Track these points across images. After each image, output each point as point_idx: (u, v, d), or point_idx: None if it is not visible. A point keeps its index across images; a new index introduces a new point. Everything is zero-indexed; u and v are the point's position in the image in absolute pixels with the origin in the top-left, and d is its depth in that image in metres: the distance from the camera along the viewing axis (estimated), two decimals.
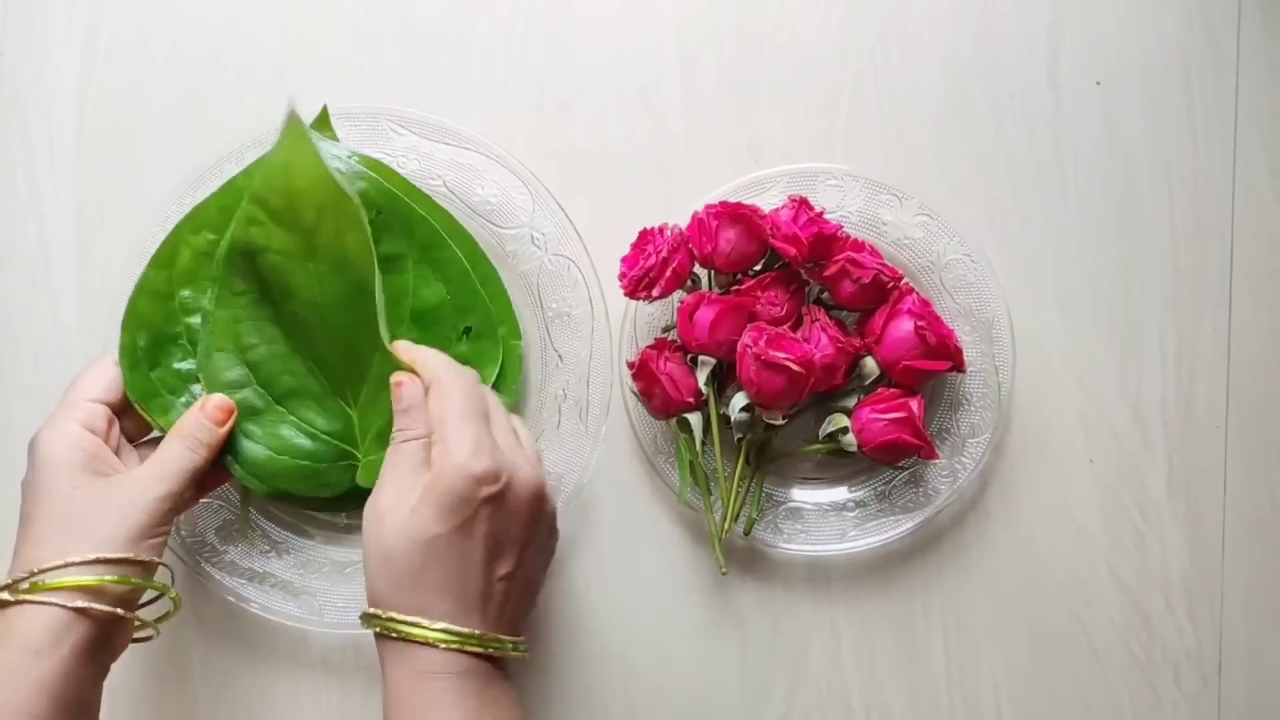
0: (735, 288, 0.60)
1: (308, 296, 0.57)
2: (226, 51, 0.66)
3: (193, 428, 0.55)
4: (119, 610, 0.51)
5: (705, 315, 0.59)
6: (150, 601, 0.54)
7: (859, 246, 0.60)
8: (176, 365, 0.59)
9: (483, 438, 0.50)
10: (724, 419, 0.60)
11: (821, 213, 0.60)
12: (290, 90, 0.65)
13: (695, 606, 0.65)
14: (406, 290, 0.60)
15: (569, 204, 0.63)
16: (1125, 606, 0.65)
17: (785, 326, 0.59)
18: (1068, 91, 0.65)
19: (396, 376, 0.53)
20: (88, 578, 0.50)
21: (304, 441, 0.59)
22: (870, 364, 0.60)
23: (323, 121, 0.60)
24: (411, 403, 0.52)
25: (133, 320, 0.58)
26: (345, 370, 0.58)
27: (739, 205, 0.59)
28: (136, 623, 0.53)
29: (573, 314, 0.63)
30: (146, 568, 0.52)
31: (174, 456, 0.54)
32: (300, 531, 0.63)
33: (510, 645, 0.50)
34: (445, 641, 0.48)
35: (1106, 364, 0.65)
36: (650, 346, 0.61)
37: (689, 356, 0.61)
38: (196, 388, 0.59)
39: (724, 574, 0.63)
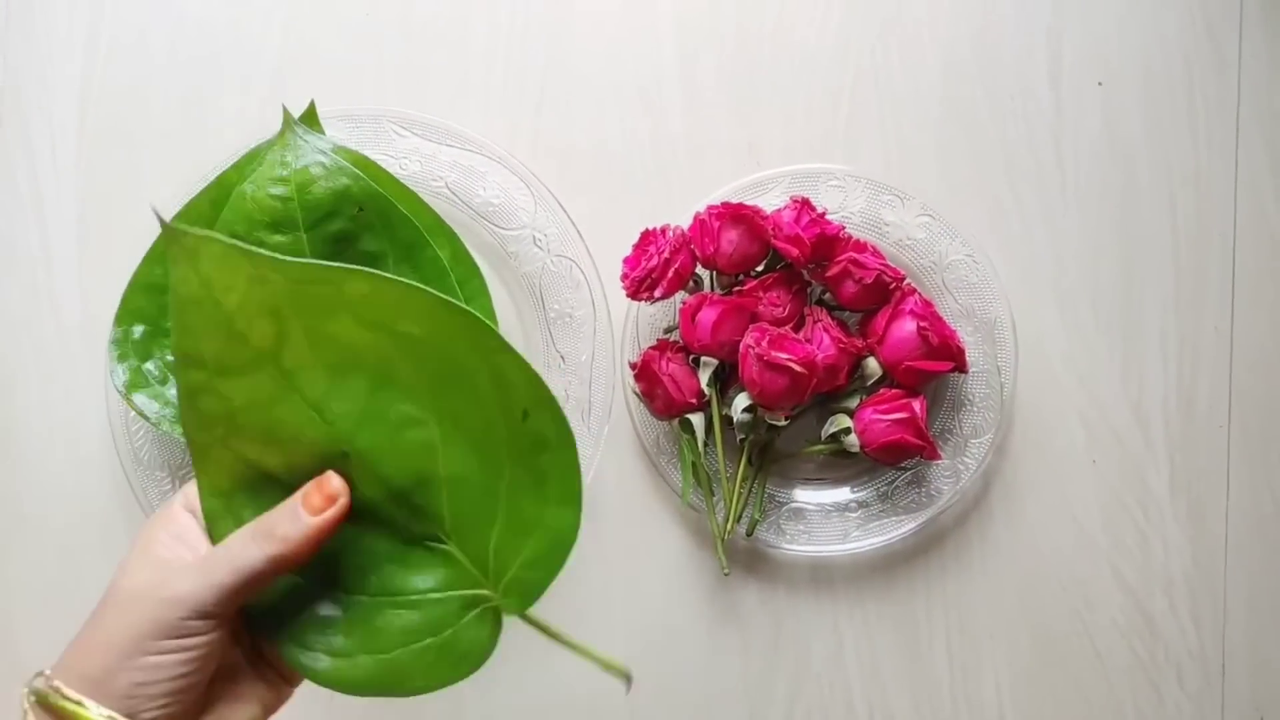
0: (737, 288, 0.60)
1: (315, 435, 0.42)
2: (227, 53, 0.66)
3: (274, 512, 0.40)
4: None
5: (707, 316, 0.59)
6: None
7: (861, 247, 0.60)
8: (169, 358, 0.60)
9: None
10: (726, 420, 0.60)
11: (823, 213, 0.60)
12: (290, 91, 0.65)
13: (698, 607, 0.65)
14: None
15: (571, 205, 0.63)
16: (1128, 606, 0.65)
17: (787, 327, 0.59)
18: (1069, 92, 0.65)
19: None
20: (58, 704, 0.38)
21: (410, 616, 0.43)
22: (872, 364, 0.60)
23: (310, 117, 0.61)
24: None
25: (127, 313, 0.60)
26: (408, 506, 0.43)
27: (741, 206, 0.59)
28: None
29: (575, 315, 0.63)
30: (133, 699, 0.39)
31: (226, 545, 0.40)
32: None
33: None
34: None
35: (1108, 364, 0.65)
36: (652, 347, 0.61)
37: (691, 357, 0.61)
38: None
39: (726, 574, 0.63)
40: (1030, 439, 0.65)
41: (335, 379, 0.40)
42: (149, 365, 0.60)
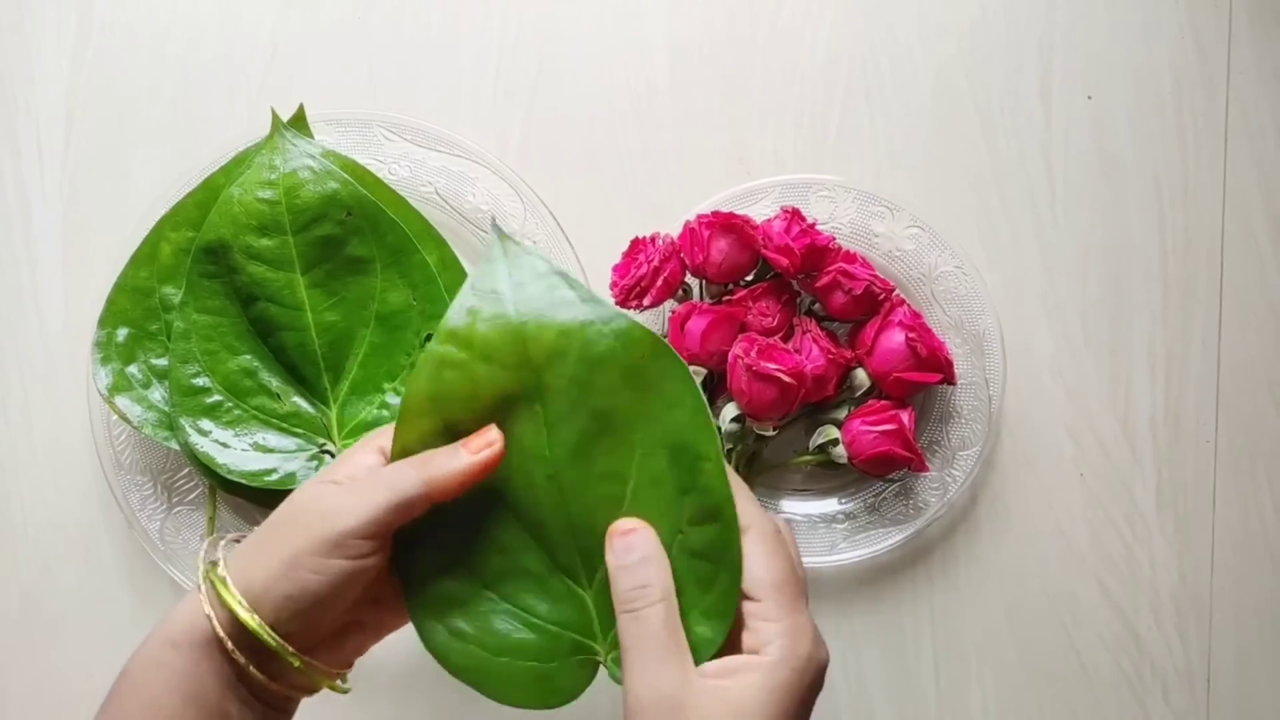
0: (727, 298, 0.60)
1: (533, 447, 0.45)
2: (216, 56, 0.66)
3: (434, 450, 0.43)
4: (226, 642, 0.41)
5: (696, 325, 0.58)
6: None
7: (851, 258, 0.60)
8: (154, 361, 0.60)
9: (813, 626, 0.41)
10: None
11: (814, 224, 0.60)
12: (279, 95, 0.65)
13: None
14: (373, 294, 0.60)
15: (560, 212, 0.62)
16: (1114, 621, 0.65)
17: (776, 337, 0.59)
18: (1058, 106, 0.66)
19: (622, 524, 0.43)
20: (217, 593, 0.41)
21: (526, 634, 0.46)
22: (861, 375, 0.60)
23: (299, 120, 0.60)
24: (646, 553, 0.42)
25: (111, 316, 0.60)
26: (573, 542, 0.46)
27: (731, 215, 0.59)
28: (295, 662, 0.42)
29: None
30: (282, 607, 0.41)
31: (386, 471, 0.43)
32: None
33: None
34: None
35: (1096, 377, 0.65)
36: None
37: None
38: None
39: None
40: (1018, 452, 0.65)
41: (574, 412, 0.44)
42: (132, 368, 0.60)
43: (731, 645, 0.41)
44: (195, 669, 0.41)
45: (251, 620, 0.40)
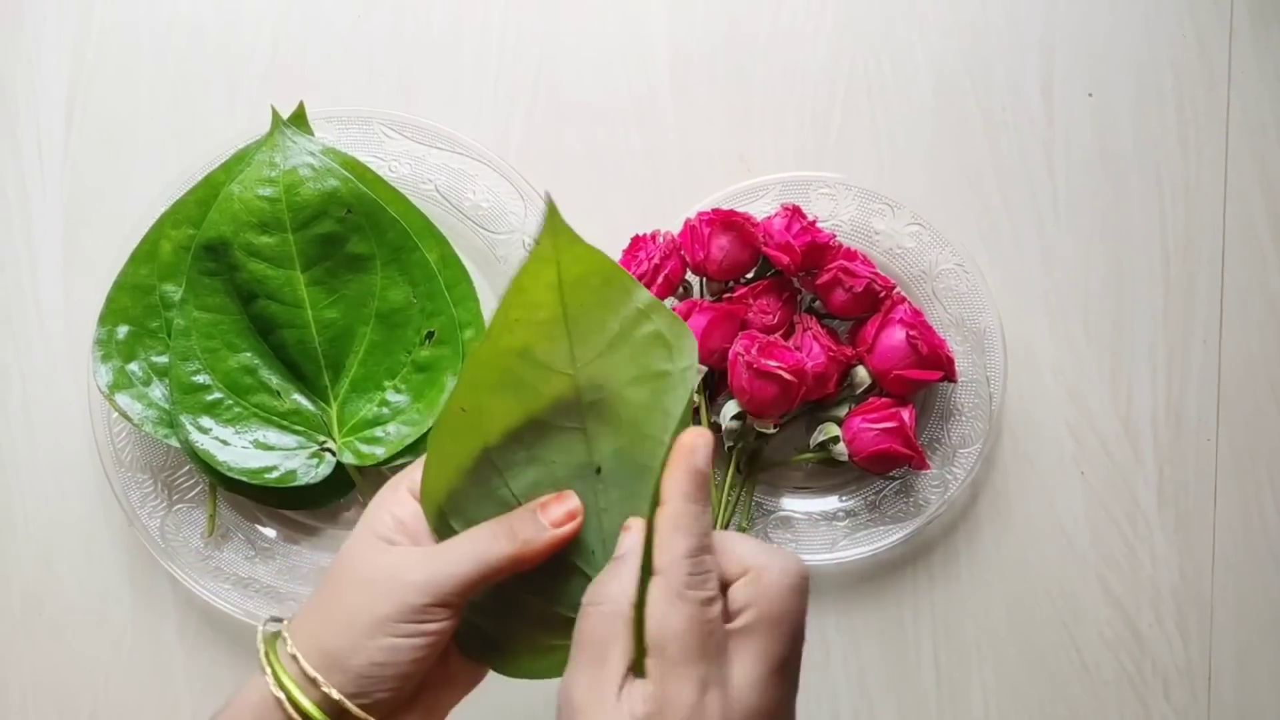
0: (727, 295, 0.60)
1: None
2: (216, 54, 0.66)
3: (513, 517, 0.42)
4: None
5: (697, 323, 0.58)
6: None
7: (851, 255, 0.60)
8: (154, 358, 0.60)
9: (698, 678, 0.38)
10: (715, 427, 0.60)
11: (814, 221, 0.60)
12: (280, 93, 0.65)
13: None
14: (373, 291, 0.60)
15: (561, 210, 0.62)
16: (1115, 619, 0.65)
17: (777, 335, 0.59)
18: (1060, 103, 0.66)
19: (634, 520, 0.41)
20: (286, 672, 0.41)
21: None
22: (862, 373, 0.60)
23: (299, 118, 0.60)
24: (628, 552, 0.40)
25: (111, 314, 0.60)
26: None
27: (731, 213, 0.59)
28: None
29: None
30: (363, 678, 0.40)
31: (466, 540, 0.42)
32: (286, 536, 0.63)
33: None
34: None
35: (1097, 375, 0.65)
36: None
37: None
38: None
39: None
40: (1019, 450, 0.65)
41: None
42: (133, 366, 0.60)
43: None
44: None
45: (332, 693, 0.40)
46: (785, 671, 0.40)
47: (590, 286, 0.42)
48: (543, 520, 0.42)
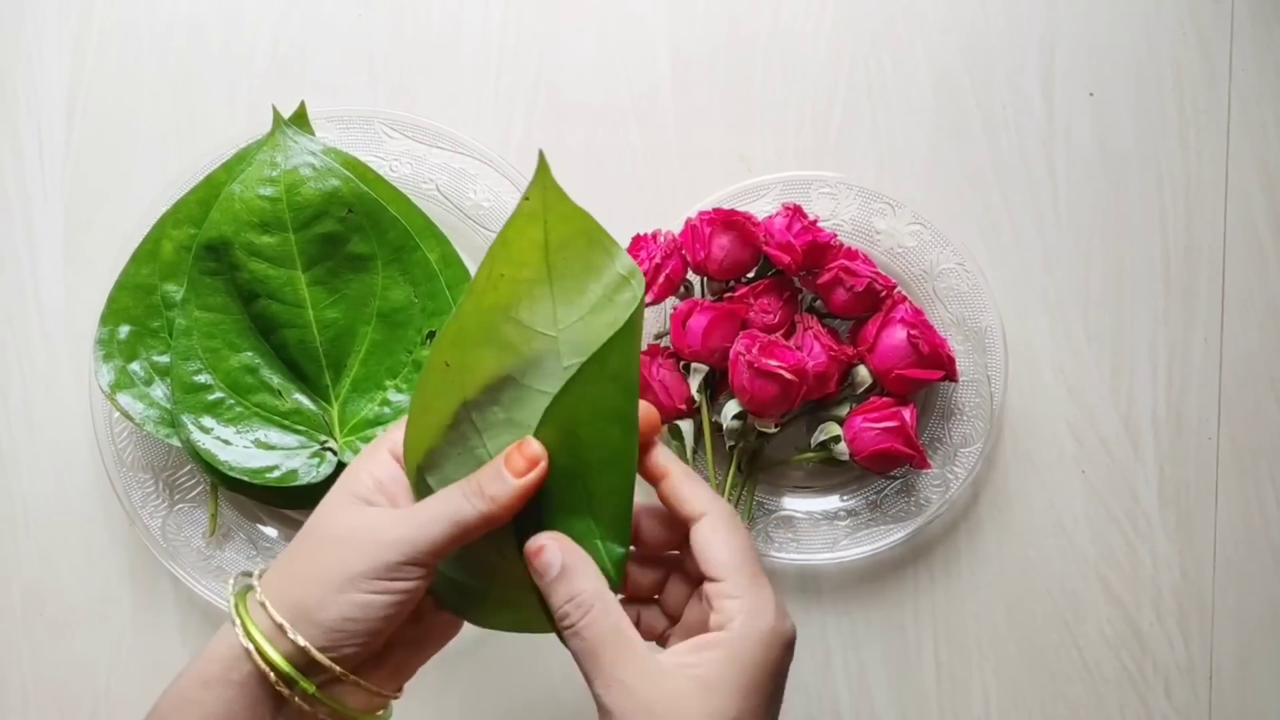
0: (728, 295, 0.60)
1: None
2: (217, 53, 0.66)
3: (482, 474, 0.42)
4: (269, 673, 0.41)
5: (698, 322, 0.58)
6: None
7: (852, 255, 0.60)
8: (155, 358, 0.60)
9: (773, 591, 0.42)
10: (716, 427, 0.60)
11: (815, 221, 0.60)
12: (281, 92, 0.65)
13: None
14: (374, 290, 0.60)
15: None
16: (1116, 618, 0.65)
17: (778, 334, 0.59)
18: (1060, 102, 0.66)
19: (530, 545, 0.42)
20: (254, 622, 0.41)
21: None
22: (863, 372, 0.60)
23: (300, 118, 0.60)
24: (564, 563, 0.41)
25: (113, 314, 0.60)
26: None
27: (732, 212, 0.59)
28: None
29: None
30: (337, 633, 0.41)
31: (439, 499, 0.42)
32: (287, 536, 0.63)
33: None
34: None
35: (1098, 374, 0.65)
36: (643, 353, 0.60)
37: (681, 363, 0.60)
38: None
39: None
40: (1019, 449, 0.65)
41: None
42: (134, 365, 0.60)
43: (699, 627, 0.42)
44: (228, 707, 0.41)
45: (298, 640, 0.40)
46: None
47: (576, 248, 0.41)
48: (506, 474, 0.41)
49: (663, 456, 0.44)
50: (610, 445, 0.42)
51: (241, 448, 0.59)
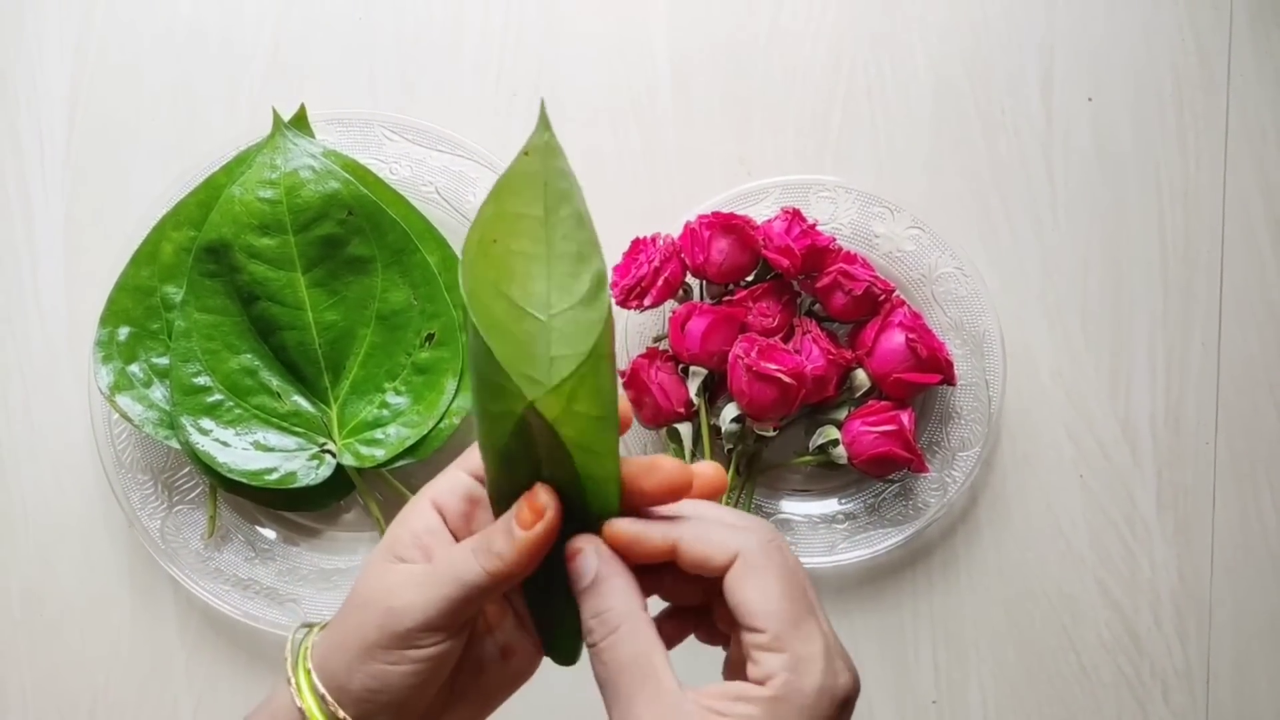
0: (727, 298, 0.60)
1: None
2: (217, 55, 0.66)
3: (493, 528, 0.38)
4: None
5: (697, 325, 0.58)
6: None
7: (851, 259, 0.60)
8: (155, 360, 0.60)
9: (828, 638, 0.36)
10: (714, 430, 0.60)
11: (814, 225, 0.60)
12: (281, 95, 0.65)
13: None
14: (373, 293, 0.60)
15: None
16: (1114, 622, 0.65)
17: (777, 338, 0.59)
18: (1059, 107, 0.66)
19: (574, 543, 0.38)
20: (305, 684, 0.39)
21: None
22: (861, 376, 0.60)
23: (300, 120, 0.61)
24: (597, 572, 0.38)
25: (112, 315, 0.60)
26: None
27: (731, 216, 0.59)
28: None
29: None
30: (361, 702, 0.38)
31: (448, 559, 0.38)
32: (286, 538, 0.63)
33: None
34: None
35: (1096, 379, 0.65)
36: (641, 356, 0.61)
37: (680, 366, 0.60)
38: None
39: None
40: (1018, 453, 0.65)
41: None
42: (134, 367, 0.60)
43: (742, 667, 0.37)
44: None
45: (338, 713, 0.38)
46: None
47: (569, 227, 0.37)
48: (515, 528, 0.37)
49: (651, 531, 0.38)
50: (599, 450, 0.37)
51: (240, 449, 0.59)
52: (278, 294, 0.59)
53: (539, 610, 0.42)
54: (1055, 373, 0.65)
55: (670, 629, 0.42)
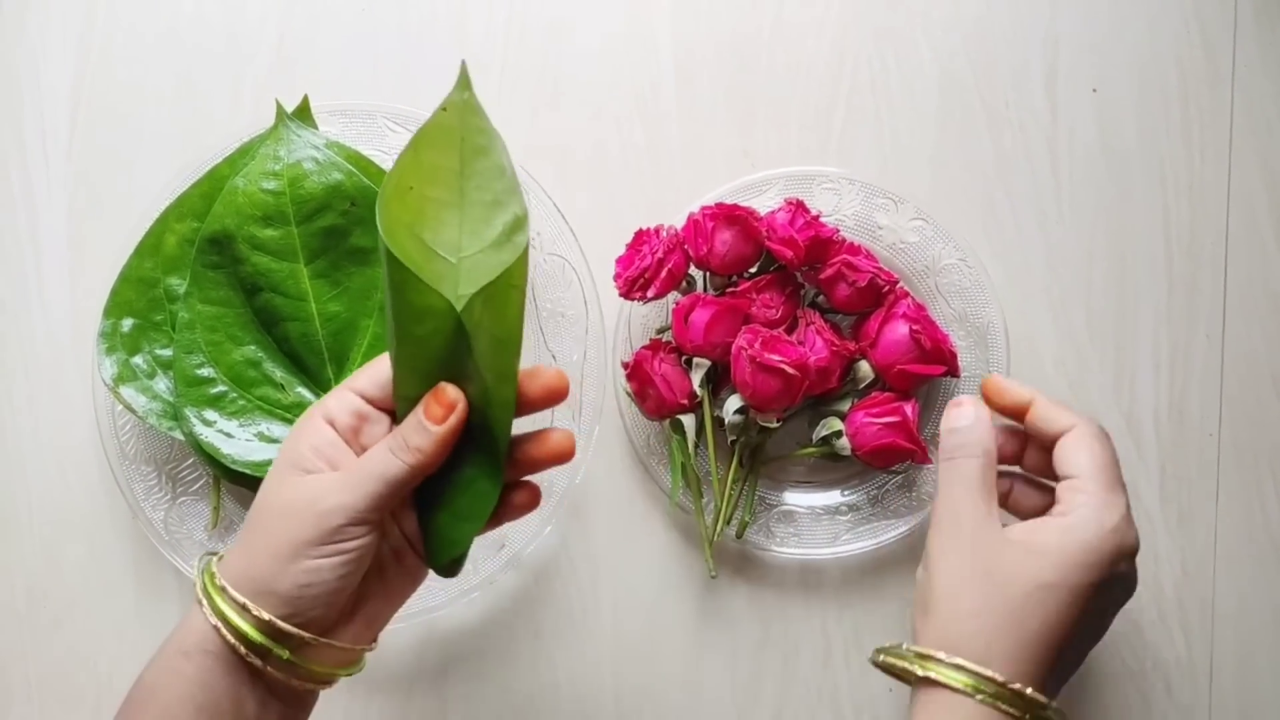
0: (730, 289, 0.60)
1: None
2: (221, 46, 0.66)
3: (403, 427, 0.44)
4: (239, 647, 0.43)
5: (700, 317, 0.58)
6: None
7: (855, 250, 0.60)
8: (158, 351, 0.60)
9: (1129, 513, 0.48)
10: (718, 421, 0.60)
11: (818, 216, 0.60)
12: (284, 86, 0.65)
13: (686, 609, 0.64)
14: (376, 284, 0.60)
15: (565, 204, 0.63)
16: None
17: (780, 329, 0.59)
18: (1063, 99, 0.65)
19: (958, 400, 0.51)
20: (220, 601, 0.43)
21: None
22: (865, 368, 0.60)
23: (303, 112, 0.61)
24: (974, 417, 0.50)
25: (116, 306, 0.60)
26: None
27: (735, 207, 0.59)
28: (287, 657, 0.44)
29: (567, 314, 0.62)
30: (293, 600, 0.43)
31: (367, 459, 0.44)
32: None
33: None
34: (1016, 712, 0.45)
35: (1100, 371, 0.65)
36: (645, 347, 0.61)
37: (683, 358, 0.60)
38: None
39: (713, 577, 0.63)
40: None
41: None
42: (137, 359, 0.60)
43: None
44: (208, 676, 0.43)
45: (262, 614, 0.42)
46: None
47: (487, 177, 0.42)
48: (427, 423, 0.43)
49: (1019, 387, 0.51)
50: (493, 384, 0.43)
51: (244, 441, 0.59)
52: (281, 285, 0.59)
53: (425, 523, 0.47)
54: (1059, 365, 0.65)
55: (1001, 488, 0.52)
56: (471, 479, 0.46)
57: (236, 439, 0.59)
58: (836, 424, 0.60)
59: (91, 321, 0.61)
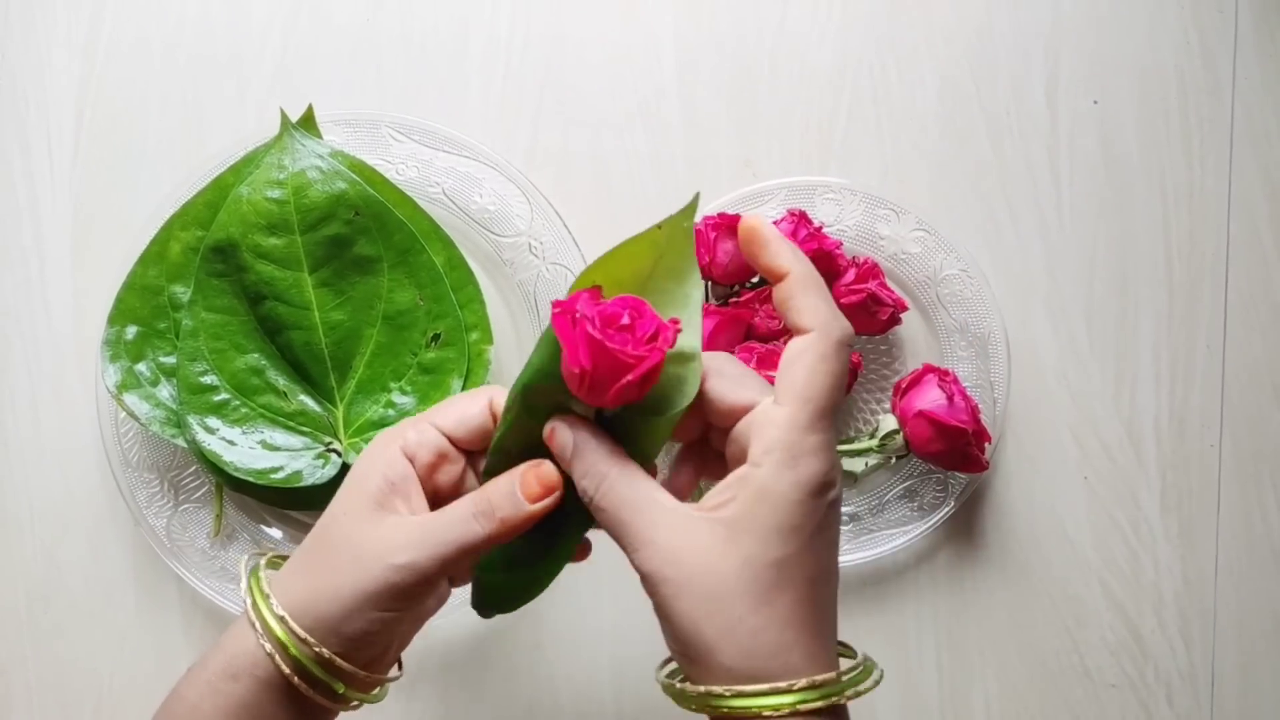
0: (733, 300, 0.60)
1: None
2: (226, 56, 0.66)
3: (494, 493, 0.42)
4: (293, 676, 0.42)
5: (703, 327, 0.59)
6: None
7: (875, 273, 0.60)
8: (162, 359, 0.60)
9: (829, 433, 0.39)
10: None
11: (820, 227, 0.60)
12: (289, 95, 0.65)
13: None
14: (380, 293, 0.60)
15: (567, 213, 0.63)
16: (1118, 624, 0.65)
17: (781, 340, 0.59)
18: (1064, 110, 0.66)
19: (549, 424, 0.42)
20: (279, 631, 0.42)
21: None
22: (890, 421, 0.60)
23: (308, 121, 0.61)
24: (575, 445, 0.41)
25: (120, 314, 0.60)
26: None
27: (737, 217, 0.59)
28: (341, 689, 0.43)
29: None
30: (354, 642, 0.42)
31: (448, 520, 0.42)
32: (292, 537, 0.63)
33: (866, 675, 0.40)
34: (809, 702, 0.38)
35: (1101, 381, 0.65)
36: None
37: None
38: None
39: None
40: (1022, 454, 0.65)
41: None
42: (141, 366, 0.60)
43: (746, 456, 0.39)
44: (253, 698, 0.42)
45: (324, 652, 0.41)
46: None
47: (670, 298, 0.41)
48: (521, 499, 0.41)
49: (794, 256, 0.40)
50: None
51: (247, 449, 0.59)
52: (284, 294, 0.59)
53: (483, 573, 0.46)
54: (1060, 375, 0.65)
55: (680, 481, 0.45)
56: (544, 551, 0.45)
57: (239, 446, 0.59)
58: (893, 423, 0.61)
59: (95, 328, 0.61)
